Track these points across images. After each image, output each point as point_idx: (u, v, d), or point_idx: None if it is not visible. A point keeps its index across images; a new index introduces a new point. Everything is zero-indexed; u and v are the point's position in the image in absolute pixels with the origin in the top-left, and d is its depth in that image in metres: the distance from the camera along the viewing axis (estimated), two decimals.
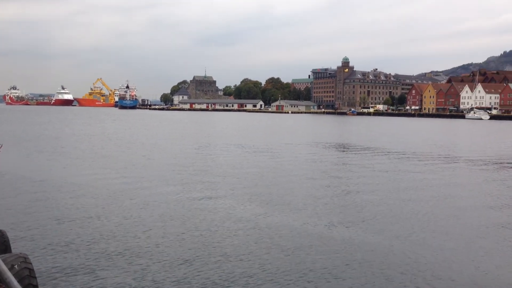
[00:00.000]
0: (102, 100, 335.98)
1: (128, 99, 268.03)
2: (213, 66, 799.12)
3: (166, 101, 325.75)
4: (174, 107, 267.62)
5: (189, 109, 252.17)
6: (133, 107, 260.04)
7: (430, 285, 9.63)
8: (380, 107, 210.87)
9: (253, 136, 53.89)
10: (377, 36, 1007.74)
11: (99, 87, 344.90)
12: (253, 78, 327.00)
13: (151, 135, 52.91)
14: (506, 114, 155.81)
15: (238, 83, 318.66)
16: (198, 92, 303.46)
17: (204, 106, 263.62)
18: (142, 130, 63.33)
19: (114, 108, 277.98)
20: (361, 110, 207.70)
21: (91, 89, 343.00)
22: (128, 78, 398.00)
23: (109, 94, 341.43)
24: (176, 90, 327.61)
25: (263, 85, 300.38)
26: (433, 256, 11.35)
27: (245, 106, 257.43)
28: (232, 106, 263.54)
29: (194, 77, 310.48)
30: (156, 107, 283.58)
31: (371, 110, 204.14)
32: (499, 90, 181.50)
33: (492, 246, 12.31)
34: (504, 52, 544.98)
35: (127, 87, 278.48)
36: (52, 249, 11.34)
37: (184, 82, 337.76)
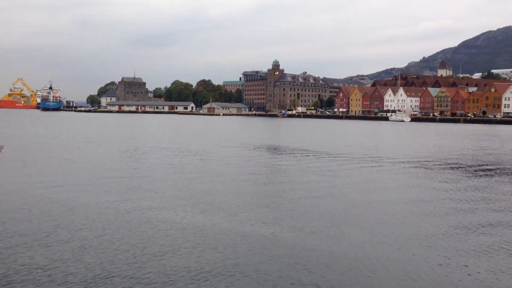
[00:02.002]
0: (22, 102, 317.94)
1: (51, 100, 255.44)
2: (143, 68, 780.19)
3: (93, 103, 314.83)
4: (101, 109, 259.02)
5: (117, 111, 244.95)
6: (56, 109, 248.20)
7: (346, 277, 10.03)
8: (299, 109, 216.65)
9: (184, 138, 53.20)
10: (307, 41, 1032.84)
11: (20, 87, 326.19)
12: (184, 80, 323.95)
13: (75, 138, 50.55)
14: (425, 116, 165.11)
15: (168, 85, 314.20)
16: (127, 94, 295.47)
17: (133, 108, 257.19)
18: (65, 133, 60.43)
19: (36, 110, 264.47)
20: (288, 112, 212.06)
21: (11, 90, 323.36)
22: (52, 79, 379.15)
23: (31, 95, 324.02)
24: (103, 91, 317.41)
25: (194, 87, 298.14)
26: (352, 249, 11.84)
27: (176, 108, 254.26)
28: (163, 108, 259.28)
29: (122, 78, 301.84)
30: (82, 109, 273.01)
31: (294, 112, 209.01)
32: (419, 94, 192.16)
33: (408, 240, 12.98)
34: (423, 58, 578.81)
35: (50, 88, 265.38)
36: None
37: (112, 83, 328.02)
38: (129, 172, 24.40)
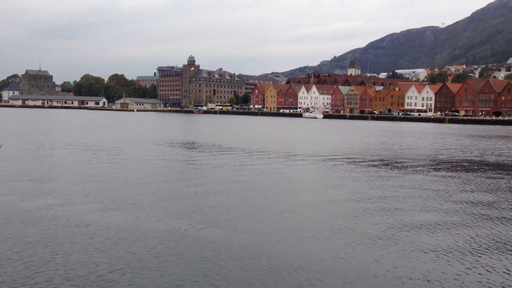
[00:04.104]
0: None
1: None
2: (50, 61, 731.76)
3: None
4: (3, 104, 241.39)
5: (21, 106, 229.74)
6: None
7: (251, 267, 10.28)
8: (210, 105, 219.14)
9: (94, 135, 51.09)
10: (223, 37, 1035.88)
11: None
12: (95, 74, 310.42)
13: None
14: (336, 114, 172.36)
15: (78, 79, 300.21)
16: (32, 88, 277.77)
17: (39, 103, 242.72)
18: None
19: None
20: (203, 109, 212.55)
21: None
22: None
23: None
24: (5, 84, 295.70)
25: (106, 81, 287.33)
26: (268, 243, 12.13)
27: (87, 103, 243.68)
28: (72, 103, 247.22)
29: (27, 71, 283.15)
30: None
31: (204, 108, 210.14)
32: (331, 92, 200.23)
33: (313, 231, 13.53)
34: (334, 57, 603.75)
35: None
36: None
37: (15, 76, 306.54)
38: (32, 169, 22.98)
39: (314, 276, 9.71)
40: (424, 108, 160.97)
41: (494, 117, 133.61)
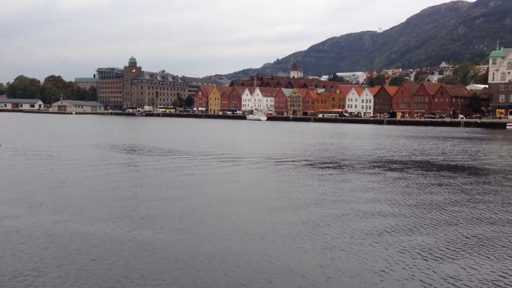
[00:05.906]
0: None
1: None
2: None
3: None
4: None
5: None
6: None
7: (195, 270, 10.45)
8: (146, 108, 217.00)
9: (29, 138, 49.02)
10: (165, 39, 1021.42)
11: None
12: (31, 75, 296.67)
13: None
14: (280, 116, 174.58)
15: (11, 81, 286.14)
16: None
17: None
18: None
19: None
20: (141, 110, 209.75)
21: None
22: None
23: None
24: None
25: (42, 83, 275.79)
26: (205, 244, 12.32)
27: (21, 106, 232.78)
28: (5, 105, 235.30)
29: None
30: None
31: (140, 109, 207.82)
32: (274, 94, 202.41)
33: (262, 231, 13.85)
34: (277, 60, 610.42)
35: None
36: None
37: None
38: None
39: (246, 275, 9.96)
40: (341, 110, 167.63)
41: (428, 119, 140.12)
